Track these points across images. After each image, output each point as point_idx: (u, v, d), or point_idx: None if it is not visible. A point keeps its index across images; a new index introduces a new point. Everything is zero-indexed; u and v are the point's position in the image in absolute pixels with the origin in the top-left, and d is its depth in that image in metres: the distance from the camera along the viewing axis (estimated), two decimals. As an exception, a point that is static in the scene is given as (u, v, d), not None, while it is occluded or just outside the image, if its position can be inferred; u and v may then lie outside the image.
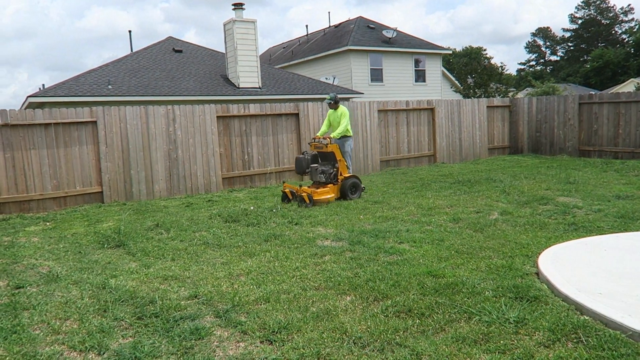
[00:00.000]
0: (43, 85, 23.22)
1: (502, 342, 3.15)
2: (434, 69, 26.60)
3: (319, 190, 8.67)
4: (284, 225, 7.04)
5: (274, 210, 7.98)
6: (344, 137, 9.63)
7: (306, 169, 8.97)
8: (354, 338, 3.31)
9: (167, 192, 10.57)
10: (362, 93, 20.70)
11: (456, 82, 31.80)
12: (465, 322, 3.47)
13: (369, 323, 3.53)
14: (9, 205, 9.05)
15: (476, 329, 3.33)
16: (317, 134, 9.52)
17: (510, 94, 28.04)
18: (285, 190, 8.86)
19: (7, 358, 3.28)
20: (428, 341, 3.20)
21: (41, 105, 14.15)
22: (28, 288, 4.74)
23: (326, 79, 23.66)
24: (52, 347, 3.42)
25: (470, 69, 27.99)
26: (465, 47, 39.40)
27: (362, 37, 24.61)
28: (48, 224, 8.04)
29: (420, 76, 26.06)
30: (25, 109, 12.11)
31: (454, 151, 15.10)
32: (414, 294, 4.03)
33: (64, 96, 14.07)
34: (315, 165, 8.99)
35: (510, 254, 5.08)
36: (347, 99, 19.35)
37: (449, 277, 4.40)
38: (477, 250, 5.26)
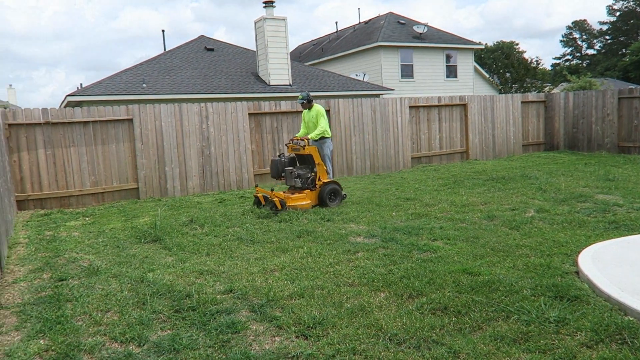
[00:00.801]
0: (81, 84, 23.89)
1: (542, 341, 3.08)
2: (466, 64, 26.17)
3: (294, 195, 8.02)
4: (315, 221, 7.06)
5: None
6: (322, 139, 8.62)
7: (281, 172, 8.29)
8: (389, 335, 3.29)
9: (200, 189, 10.74)
10: (393, 89, 20.53)
11: (489, 77, 31.20)
12: (503, 321, 3.41)
13: (404, 320, 3.51)
14: (50, 200, 9.38)
15: (515, 328, 3.27)
16: (296, 136, 8.78)
17: (545, 90, 27.32)
18: (258, 194, 8.17)
19: (52, 347, 3.40)
20: (465, 339, 3.16)
21: (79, 103, 14.58)
22: (70, 280, 4.90)
23: (356, 75, 23.58)
24: (94, 338, 3.53)
25: (505, 64, 27.39)
26: (497, 42, 38.57)
27: (392, 32, 24.40)
28: (87, 219, 8.29)
29: (451, 72, 25.68)
30: (64, 107, 12.50)
31: (487, 148, 14.82)
32: (449, 292, 3.98)
33: (101, 95, 14.46)
34: (291, 168, 8.28)
35: (548, 252, 4.96)
36: (377, 96, 19.24)
37: (485, 275, 4.33)
38: (514, 249, 5.15)
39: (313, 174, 8.23)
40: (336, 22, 37.06)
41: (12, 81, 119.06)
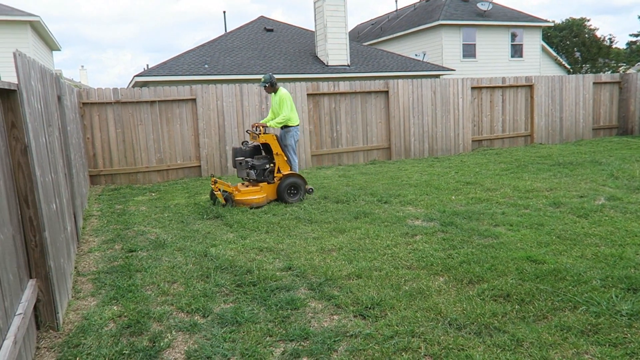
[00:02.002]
0: (147, 65, 24.80)
1: (613, 334, 2.94)
2: (533, 43, 24.86)
3: (246, 189, 7.23)
4: (373, 203, 7.04)
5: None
6: (286, 127, 7.65)
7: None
8: (449, 319, 3.25)
9: (259, 168, 10.95)
10: (454, 70, 19.90)
11: (557, 56, 29.50)
12: (570, 312, 3.27)
13: (464, 305, 3.45)
14: (120, 176, 9.89)
15: (583, 319, 3.13)
16: (260, 122, 7.82)
17: (620, 70, 25.54)
18: (214, 187, 7.13)
19: (125, 314, 3.62)
20: (529, 328, 3.07)
21: (146, 84, 15.17)
22: (139, 252, 5.17)
23: (416, 55, 23.03)
24: (162, 307, 3.72)
25: (574, 43, 25.78)
26: (567, 19, 36.19)
27: (454, 10, 23.53)
28: (153, 194, 8.69)
29: (516, 51, 24.49)
30: (132, 87, 13.06)
31: (554, 131, 14.12)
32: (512, 279, 3.87)
33: (165, 75, 14.97)
34: (242, 158, 7.37)
35: (620, 242, 4.70)
36: (437, 76, 18.74)
37: (550, 263, 4.16)
38: (582, 237, 4.91)
39: (272, 165, 7.42)
40: (396, 1, 36.16)
41: (83, 62, 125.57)
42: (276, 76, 15.83)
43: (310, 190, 7.58)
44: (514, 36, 24.36)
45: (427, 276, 4.09)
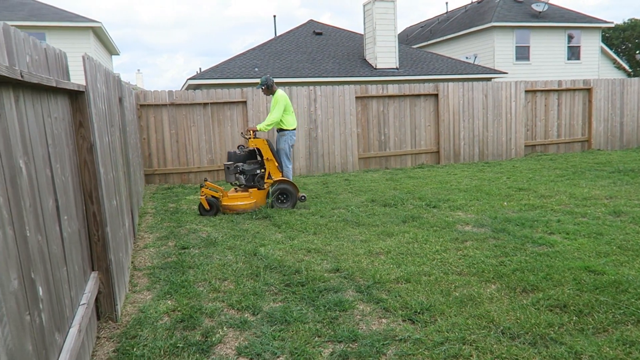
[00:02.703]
0: (200, 68, 25.53)
1: (682, 352, 2.77)
2: (591, 44, 23.81)
3: (233, 194, 7.09)
4: (421, 207, 6.95)
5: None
6: (281, 131, 7.51)
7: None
8: (502, 328, 3.16)
9: (306, 170, 11.05)
10: (506, 73, 19.35)
11: (618, 59, 28.11)
12: (633, 325, 3.11)
13: (517, 314, 3.34)
14: (173, 175, 10.23)
15: (648, 335, 2.97)
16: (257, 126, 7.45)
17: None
18: (201, 190, 7.06)
19: (178, 308, 3.73)
20: (588, 340, 2.94)
21: (198, 86, 15.63)
22: (191, 249, 5.33)
23: (467, 58, 22.57)
24: (213, 303, 3.82)
25: (637, 45, 24.48)
26: (629, 20, 34.39)
27: (508, 12, 22.90)
28: (204, 194, 8.92)
29: (573, 53, 23.53)
30: (186, 89, 13.49)
31: (613, 137, 13.46)
32: (569, 289, 3.71)
33: (217, 78, 15.37)
34: (230, 162, 7.18)
35: (689, 255, 4.41)
36: (488, 79, 18.29)
37: (610, 274, 3.97)
38: (646, 248, 4.65)
39: (262, 170, 7.24)
40: (446, 3, 35.62)
41: (139, 66, 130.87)
42: (324, 79, 15.93)
43: (302, 198, 7.24)
44: (570, 38, 23.43)
45: (478, 283, 3.99)
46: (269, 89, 7.60)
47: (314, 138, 11.06)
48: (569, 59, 23.46)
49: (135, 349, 3.10)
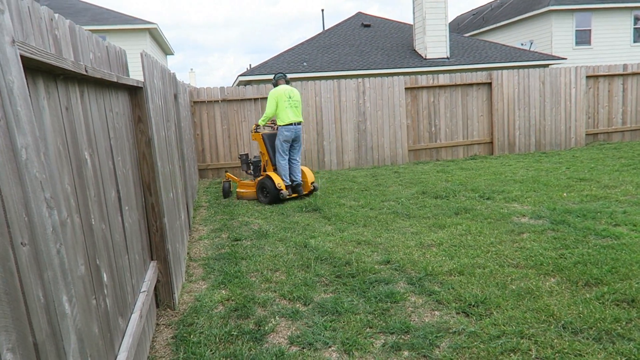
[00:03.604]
0: (250, 65, 25.94)
1: None
2: (660, 25, 22.22)
3: (243, 182, 7.95)
4: (474, 199, 6.76)
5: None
6: (280, 127, 7.55)
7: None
8: (562, 322, 3.03)
9: (355, 163, 11.01)
10: (565, 58, 18.44)
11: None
12: None
13: (580, 309, 3.19)
14: (225, 170, 10.47)
15: None
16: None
17: None
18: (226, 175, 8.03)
19: (232, 298, 3.83)
20: (659, 337, 2.77)
21: (249, 82, 15.90)
22: (244, 241, 5.45)
23: (522, 44, 21.71)
24: (266, 294, 3.89)
25: None
26: None
27: (566, -6, 21.77)
28: (255, 187, 9.08)
29: (640, 35, 22.08)
30: (237, 86, 13.75)
31: (686, 123, 12.54)
32: (637, 283, 3.50)
33: (266, 74, 15.55)
34: (246, 154, 8.07)
35: None
36: (545, 66, 17.51)
37: (684, 268, 3.71)
38: None
39: (264, 163, 7.82)
40: (499, -12, 34.28)
41: (192, 65, 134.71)
42: (373, 71, 15.78)
43: (282, 194, 7.24)
44: (637, 19, 21.99)
45: (537, 276, 3.85)
46: (274, 86, 7.79)
47: (363, 131, 10.99)
48: (635, 41, 22.03)
49: (192, 336, 3.20)
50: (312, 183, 7.65)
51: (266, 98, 10.47)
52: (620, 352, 2.66)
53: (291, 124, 7.52)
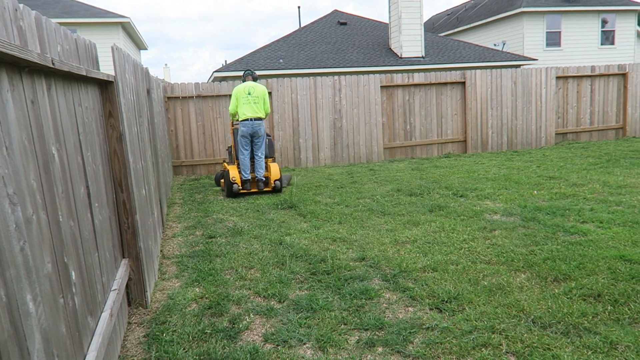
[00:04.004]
0: (225, 61, 25.68)
1: None
2: (626, 28, 22.94)
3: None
4: (448, 197, 6.85)
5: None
6: (239, 123, 7.79)
7: None
8: (532, 317, 3.10)
9: (331, 160, 11.03)
10: (536, 59, 18.85)
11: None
12: (672, 316, 3.00)
13: (549, 303, 3.27)
14: (200, 167, 10.36)
15: (688, 325, 2.86)
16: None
17: None
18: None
19: (206, 295, 3.79)
20: (624, 330, 2.85)
21: (224, 79, 15.74)
22: (218, 238, 5.39)
23: (495, 45, 22.09)
24: (240, 291, 3.85)
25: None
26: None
27: (538, -4, 22.24)
28: (230, 185, 9.01)
29: (607, 38, 22.73)
30: (212, 82, 13.59)
31: (650, 124, 12.98)
32: (603, 278, 3.61)
33: (242, 70, 15.42)
34: (229, 146, 8.69)
35: None
36: (517, 66, 17.86)
37: (647, 264, 3.84)
38: (685, 237, 4.49)
39: (233, 156, 8.28)
40: (474, -11, 34.79)
41: (167, 60, 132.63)
42: (349, 69, 15.83)
43: (234, 188, 7.55)
44: (604, 22, 22.63)
45: (508, 272, 3.92)
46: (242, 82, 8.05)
47: (339, 128, 11.01)
48: (602, 43, 22.69)
49: (164, 335, 3.15)
50: (275, 180, 7.70)
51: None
52: (587, 346, 2.73)
53: (247, 120, 7.58)
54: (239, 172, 7.74)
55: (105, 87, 3.13)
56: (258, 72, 15.34)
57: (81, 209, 2.34)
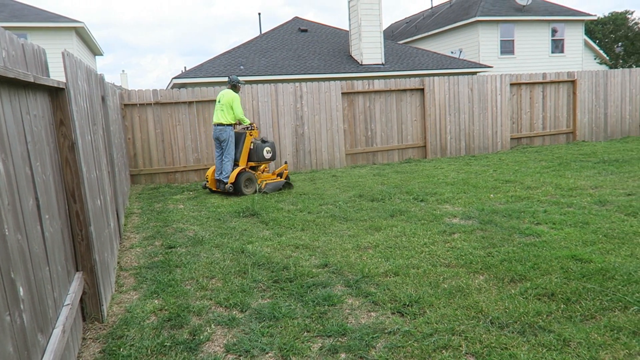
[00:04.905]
0: (185, 67, 25.33)
1: (667, 336, 2.80)
2: (574, 37, 24.03)
3: (264, 174, 8.87)
4: (408, 202, 6.96)
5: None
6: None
7: None
8: (490, 318, 3.17)
9: (294, 167, 11.01)
10: (491, 67, 19.47)
11: (601, 52, 28.43)
12: (620, 312, 3.14)
13: (506, 304, 3.36)
14: (159, 175, 10.13)
15: (635, 320, 3.00)
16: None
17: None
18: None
19: (166, 307, 3.69)
20: (576, 328, 2.96)
21: (183, 85, 15.49)
22: (178, 248, 5.28)
23: (452, 53, 22.68)
24: (201, 302, 3.78)
25: (618, 36, 24.78)
26: (610, 13, 34.92)
27: (492, 6, 23.02)
28: (191, 193, 8.85)
29: (557, 47, 23.74)
30: (171, 88, 13.36)
31: (598, 128, 13.61)
32: (556, 278, 3.74)
33: (202, 77, 15.25)
34: None
35: (672, 241, 4.47)
36: (474, 73, 18.38)
37: (597, 262, 4.01)
38: (631, 236, 4.71)
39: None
40: (431, -2, 35.71)
41: (124, 67, 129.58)
42: (310, 76, 15.89)
43: (203, 184, 8.78)
44: (554, 31, 23.64)
45: (467, 274, 4.01)
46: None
47: (301, 135, 11.02)
48: (553, 52, 23.66)
49: (121, 349, 3.05)
50: (230, 183, 8.13)
51: (201, 101, 10.27)
52: (542, 344, 2.82)
53: (213, 125, 8.39)
54: (214, 172, 8.50)
55: (55, 94, 3.02)
56: (218, 79, 15.19)
57: (30, 222, 2.24)
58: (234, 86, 8.42)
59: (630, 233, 4.80)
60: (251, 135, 8.46)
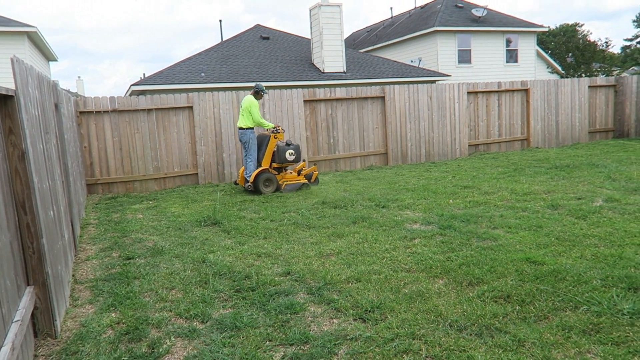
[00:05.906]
0: (144, 74, 24.84)
1: (615, 333, 2.93)
2: (528, 48, 25.01)
3: (287, 175, 9.30)
4: (370, 208, 7.03)
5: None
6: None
7: None
8: (449, 321, 3.24)
9: (256, 175, 10.93)
10: (449, 75, 19.99)
11: (552, 62, 29.69)
12: (571, 311, 3.27)
13: (464, 307, 3.44)
14: (117, 184, 9.87)
15: (584, 319, 3.12)
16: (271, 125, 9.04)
17: (614, 74, 25.70)
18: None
19: (123, 320, 3.59)
20: (530, 328, 3.06)
21: (142, 92, 15.18)
22: (137, 259, 5.14)
23: (412, 61, 23.14)
24: (160, 314, 3.69)
25: (568, 47, 25.95)
26: (561, 25, 36.71)
27: (449, 17, 23.69)
28: (150, 202, 8.66)
29: (512, 56, 24.64)
30: (129, 96, 13.06)
31: (550, 135, 14.17)
32: (512, 280, 3.86)
33: (162, 84, 14.99)
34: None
35: (619, 242, 4.70)
36: (433, 82, 18.83)
37: (550, 264, 4.16)
38: (581, 238, 4.92)
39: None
40: (391, 8, 36.44)
41: (80, 73, 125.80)
42: (272, 83, 15.89)
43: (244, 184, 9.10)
44: (508, 42, 24.52)
45: (427, 279, 4.08)
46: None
47: (264, 142, 10.96)
48: (507, 61, 24.52)
49: (76, 366, 2.94)
50: (250, 182, 8.72)
51: (161, 109, 10.10)
52: (499, 345, 2.90)
53: (237, 128, 9.12)
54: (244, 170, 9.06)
55: (4, 102, 2.90)
56: (179, 86, 14.98)
57: (-25, 235, 2.14)
58: (256, 92, 9.00)
59: (580, 235, 5.01)
60: (276, 138, 8.88)
